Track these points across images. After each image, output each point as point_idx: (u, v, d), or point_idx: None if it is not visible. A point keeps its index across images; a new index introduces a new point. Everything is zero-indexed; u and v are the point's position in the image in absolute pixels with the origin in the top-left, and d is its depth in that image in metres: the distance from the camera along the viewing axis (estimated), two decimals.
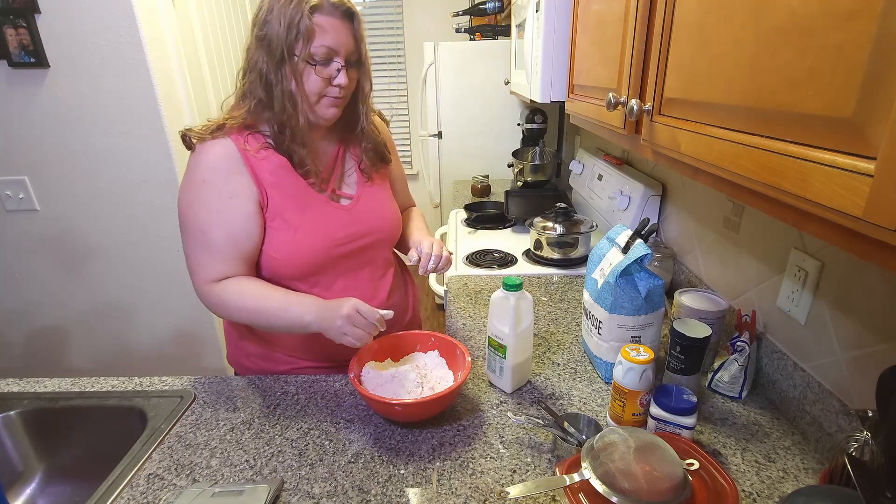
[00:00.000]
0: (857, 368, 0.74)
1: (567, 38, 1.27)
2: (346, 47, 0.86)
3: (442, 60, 2.47)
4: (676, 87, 0.65)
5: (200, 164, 0.88)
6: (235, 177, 0.88)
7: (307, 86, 0.86)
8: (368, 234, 0.99)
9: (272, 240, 0.92)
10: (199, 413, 0.92)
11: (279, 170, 0.91)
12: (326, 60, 0.85)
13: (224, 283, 0.90)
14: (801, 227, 0.44)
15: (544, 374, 1.01)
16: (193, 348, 1.99)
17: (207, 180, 0.88)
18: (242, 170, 0.88)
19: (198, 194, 0.88)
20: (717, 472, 0.68)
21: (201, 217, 0.88)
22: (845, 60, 0.36)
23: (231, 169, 0.88)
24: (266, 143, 0.91)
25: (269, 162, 0.90)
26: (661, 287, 0.92)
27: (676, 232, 1.34)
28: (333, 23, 0.84)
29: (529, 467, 0.78)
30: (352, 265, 0.99)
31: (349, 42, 0.87)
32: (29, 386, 1.01)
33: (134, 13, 1.51)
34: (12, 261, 1.82)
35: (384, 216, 1.03)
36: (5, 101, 1.59)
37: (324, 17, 0.83)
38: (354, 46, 0.88)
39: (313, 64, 0.85)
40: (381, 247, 1.03)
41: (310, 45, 0.83)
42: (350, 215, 0.98)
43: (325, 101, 0.89)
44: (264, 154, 0.90)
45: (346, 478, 0.76)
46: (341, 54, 0.86)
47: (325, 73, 0.86)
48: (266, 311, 0.89)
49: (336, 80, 0.87)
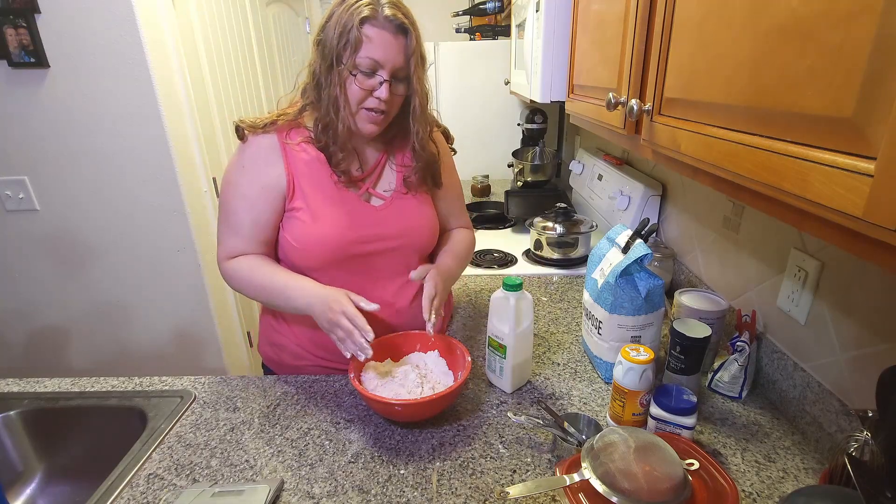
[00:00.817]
0: (857, 368, 0.74)
1: (567, 38, 1.27)
2: (394, 62, 0.86)
3: (442, 60, 2.47)
4: (676, 87, 0.65)
5: (245, 151, 0.94)
6: (270, 168, 0.93)
7: (349, 95, 0.87)
8: (395, 237, 0.98)
9: (292, 227, 0.94)
10: (199, 413, 0.92)
11: (315, 162, 0.94)
12: (370, 72, 0.85)
13: (240, 259, 0.96)
14: (801, 227, 0.44)
15: (544, 374, 1.01)
16: (193, 348, 1.99)
17: (246, 167, 0.93)
18: (278, 161, 0.93)
19: (236, 178, 0.94)
20: (717, 472, 0.68)
21: (235, 200, 0.94)
22: (845, 60, 0.36)
23: (268, 160, 0.93)
24: (308, 138, 0.94)
25: (306, 154, 0.93)
26: (661, 287, 0.92)
27: (676, 232, 1.34)
28: (383, 36, 0.84)
29: (529, 467, 0.78)
30: (373, 267, 0.98)
31: (398, 58, 0.86)
32: (29, 386, 1.01)
33: (134, 13, 1.50)
34: (12, 261, 1.82)
35: (415, 223, 1.01)
36: (5, 101, 1.59)
37: (374, 29, 0.83)
38: (404, 63, 0.87)
39: (356, 74, 0.85)
40: (407, 253, 1.01)
41: (356, 56, 0.84)
42: (378, 216, 0.97)
43: (364, 114, 0.89)
44: (304, 147, 0.94)
45: (346, 478, 0.76)
46: (386, 68, 0.85)
47: (367, 84, 0.86)
48: (267, 288, 0.94)
49: (377, 92, 0.86)
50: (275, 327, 1.06)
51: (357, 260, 0.96)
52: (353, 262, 0.96)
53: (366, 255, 0.96)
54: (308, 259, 0.94)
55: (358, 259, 0.96)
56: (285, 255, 0.97)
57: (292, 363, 1.05)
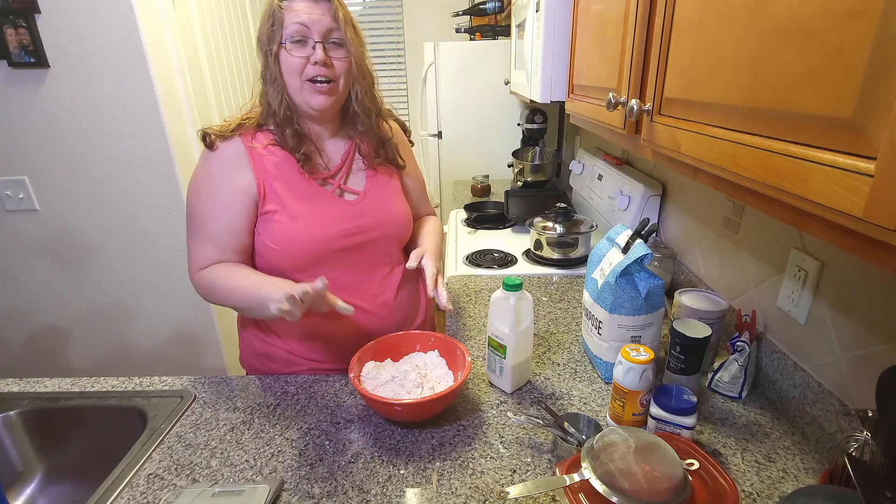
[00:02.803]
0: (857, 368, 0.74)
1: (567, 38, 1.27)
2: (321, 24, 0.87)
3: (442, 60, 2.47)
4: (676, 87, 0.65)
5: (211, 159, 0.93)
6: (239, 173, 0.92)
7: (289, 69, 0.88)
8: (373, 228, 0.99)
9: (270, 229, 0.93)
10: (199, 413, 0.92)
11: (283, 163, 0.94)
12: (301, 39, 0.87)
13: (211, 268, 0.94)
14: (801, 226, 0.44)
15: (544, 374, 1.01)
16: (193, 348, 1.99)
17: (214, 175, 0.92)
18: (246, 166, 0.92)
19: (205, 187, 0.93)
20: (717, 472, 0.68)
21: (206, 208, 0.93)
22: (845, 60, 0.36)
23: (236, 165, 0.92)
24: (273, 141, 0.94)
25: (273, 156, 0.93)
26: (661, 287, 0.92)
27: (676, 232, 1.34)
28: (302, 4, 0.86)
29: (529, 467, 0.78)
30: (356, 260, 0.99)
31: (325, 20, 0.87)
32: (29, 386, 1.01)
33: (134, 13, 1.50)
34: (12, 261, 1.82)
35: (391, 213, 1.03)
36: (5, 101, 1.59)
37: (292, 1, 0.86)
38: (332, 23, 0.88)
39: (287, 46, 0.87)
40: (387, 243, 1.03)
41: (283, 30, 0.86)
42: (355, 209, 0.98)
43: (309, 86, 0.89)
44: (271, 150, 0.93)
45: (346, 478, 0.76)
46: (314, 30, 0.86)
47: (301, 52, 0.87)
48: (239, 290, 0.91)
49: (313, 57, 0.87)
50: (261, 338, 1.05)
51: (338, 255, 0.96)
52: (334, 258, 0.96)
53: (347, 250, 0.97)
54: (289, 259, 0.94)
55: (339, 254, 0.96)
56: (264, 260, 0.96)
57: (285, 371, 1.04)
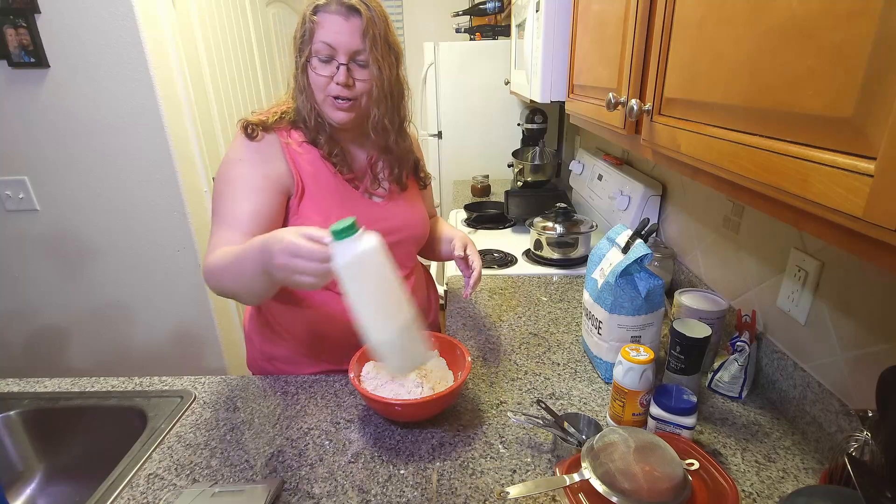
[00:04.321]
0: (857, 368, 0.74)
1: (567, 38, 1.27)
2: (348, 45, 0.85)
3: (442, 60, 2.47)
4: (676, 87, 0.65)
5: (242, 145, 0.91)
6: (272, 163, 0.91)
7: (313, 84, 0.88)
8: (399, 230, 1.01)
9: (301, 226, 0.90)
10: (199, 413, 0.92)
11: (317, 161, 0.94)
12: (327, 58, 0.86)
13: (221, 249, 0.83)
14: (801, 227, 0.44)
15: (544, 374, 1.01)
16: (193, 348, 1.99)
17: (244, 159, 0.90)
18: (281, 159, 0.92)
19: (234, 171, 0.90)
20: (717, 472, 0.68)
21: (233, 190, 0.89)
22: (845, 60, 0.36)
23: (270, 154, 0.91)
24: (306, 139, 0.94)
25: (309, 154, 0.94)
26: (661, 287, 0.92)
27: (676, 232, 1.34)
28: (334, 20, 0.84)
29: (529, 467, 0.78)
30: None
31: (352, 41, 0.84)
32: (29, 386, 1.01)
33: (134, 13, 1.50)
34: (12, 261, 1.82)
35: (414, 215, 1.05)
36: (5, 101, 1.59)
37: (325, 14, 0.84)
38: (360, 44, 0.85)
39: (313, 62, 0.86)
40: (408, 245, 1.05)
41: (312, 44, 0.85)
42: (383, 211, 1.00)
43: (330, 101, 0.89)
44: (306, 148, 0.94)
45: (346, 478, 0.76)
46: (341, 51, 0.85)
47: (326, 71, 0.87)
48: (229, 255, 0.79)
49: (336, 77, 0.86)
50: (269, 338, 1.05)
51: None
52: None
53: None
54: None
55: None
56: None
57: (293, 372, 1.05)
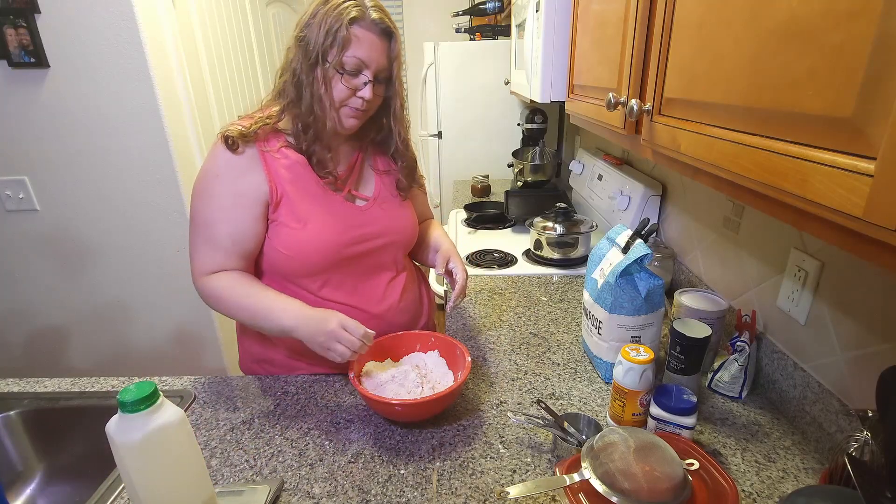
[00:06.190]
0: (857, 368, 0.74)
1: (567, 38, 1.27)
2: (378, 63, 0.88)
3: (442, 60, 2.47)
4: (676, 88, 0.65)
5: (219, 158, 0.90)
6: (248, 175, 0.90)
7: (334, 93, 0.88)
8: (381, 235, 1.00)
9: (280, 234, 0.92)
10: (199, 413, 0.92)
11: (296, 166, 0.93)
12: (355, 72, 0.87)
13: (218, 276, 0.92)
14: (801, 226, 0.44)
15: (544, 374, 1.01)
16: (193, 348, 1.99)
17: (221, 175, 0.90)
18: (257, 168, 0.90)
19: (210, 187, 0.91)
20: (717, 472, 0.68)
21: (209, 210, 0.91)
22: (845, 60, 0.36)
23: (246, 167, 0.90)
24: (286, 143, 0.93)
25: (286, 159, 0.92)
26: (661, 287, 0.92)
27: (676, 232, 1.34)
28: (370, 37, 0.86)
29: (529, 467, 0.78)
30: (364, 266, 0.99)
31: (382, 59, 0.88)
32: (29, 386, 1.01)
33: (134, 13, 1.50)
34: (12, 261, 1.82)
35: (399, 220, 1.04)
36: (5, 101, 1.59)
37: (361, 30, 0.85)
38: (386, 65, 0.89)
39: (342, 73, 0.86)
40: (394, 249, 1.04)
41: (343, 55, 0.85)
42: (365, 216, 0.98)
43: (347, 110, 0.90)
44: (284, 153, 0.92)
45: (346, 478, 0.76)
46: (371, 69, 0.87)
47: (352, 83, 0.87)
48: (250, 309, 0.91)
49: (361, 92, 0.88)
50: (261, 342, 1.04)
51: (348, 261, 0.96)
52: (343, 263, 0.96)
53: (357, 256, 0.97)
54: (299, 266, 0.93)
55: (349, 260, 0.96)
56: (272, 266, 0.95)
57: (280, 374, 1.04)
